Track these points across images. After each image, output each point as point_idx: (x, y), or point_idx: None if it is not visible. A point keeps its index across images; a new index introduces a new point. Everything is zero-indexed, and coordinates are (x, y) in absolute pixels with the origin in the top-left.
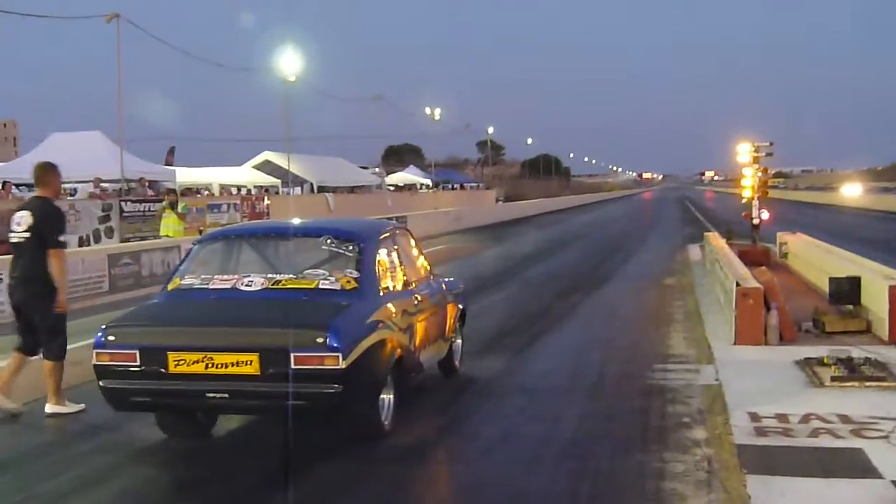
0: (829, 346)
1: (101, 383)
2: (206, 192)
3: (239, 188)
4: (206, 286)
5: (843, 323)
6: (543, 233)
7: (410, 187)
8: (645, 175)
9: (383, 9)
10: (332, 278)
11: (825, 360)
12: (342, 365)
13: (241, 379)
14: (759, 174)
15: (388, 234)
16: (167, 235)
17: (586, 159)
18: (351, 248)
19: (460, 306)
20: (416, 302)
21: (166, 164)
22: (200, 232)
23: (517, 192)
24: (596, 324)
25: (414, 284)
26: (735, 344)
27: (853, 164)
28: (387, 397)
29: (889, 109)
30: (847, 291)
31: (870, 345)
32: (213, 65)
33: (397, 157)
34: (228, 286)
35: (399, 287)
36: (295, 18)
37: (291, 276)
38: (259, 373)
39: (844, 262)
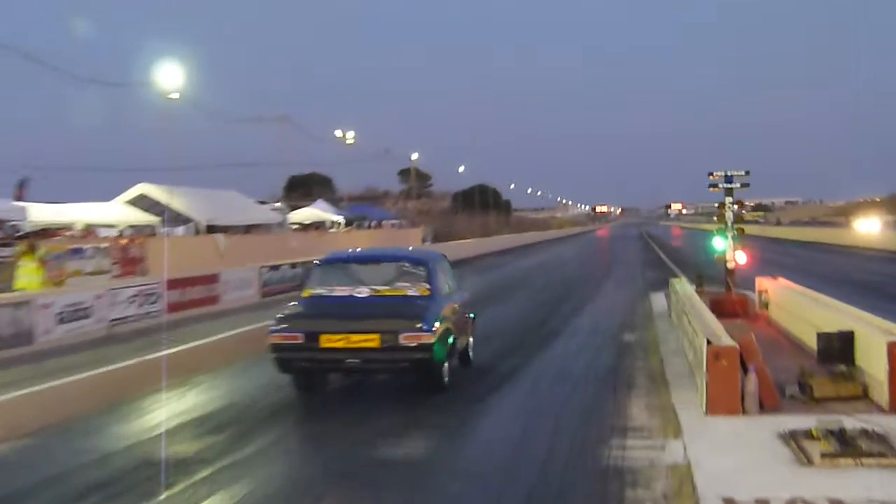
0: (819, 416)
1: (274, 355)
2: (68, 234)
3: (111, 227)
4: (331, 294)
5: (834, 387)
6: (481, 279)
7: (319, 226)
8: (600, 208)
9: (290, 19)
10: (414, 288)
11: (814, 433)
12: (431, 339)
13: (367, 351)
14: (734, 208)
15: (440, 260)
16: (23, 288)
17: (530, 191)
18: (422, 269)
19: (472, 315)
20: (455, 306)
21: (16, 200)
22: (60, 283)
23: (448, 229)
24: (543, 389)
25: (453, 294)
26: (707, 414)
27: (845, 194)
28: (446, 365)
29: (884, 134)
30: (838, 349)
31: (866, 413)
32: (80, 80)
33: (303, 189)
34: (347, 294)
35: (447, 294)
36: (183, 28)
37: (386, 287)
38: (379, 346)
39: (835, 314)
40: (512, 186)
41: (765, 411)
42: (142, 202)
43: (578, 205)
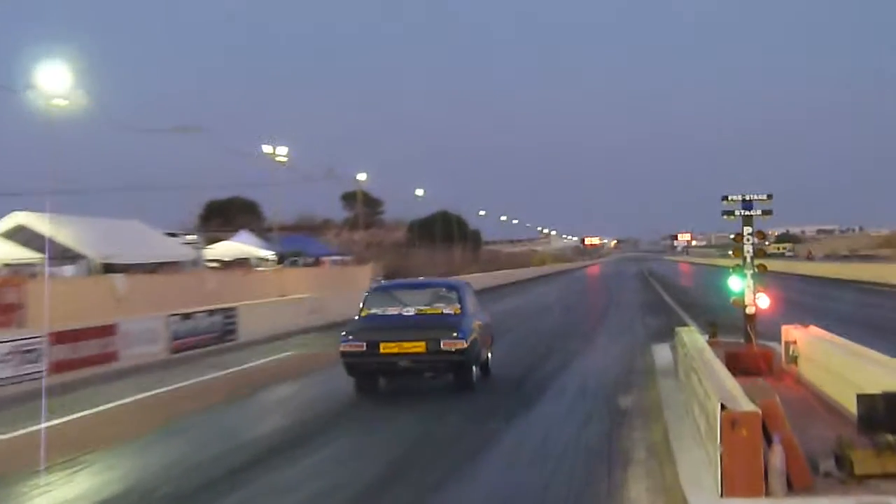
0: (860, 497)
1: (343, 360)
2: None
3: None
4: (384, 313)
5: (879, 462)
6: None
7: (243, 262)
8: (590, 241)
9: (210, 17)
10: (448, 308)
11: None
12: (464, 345)
13: (416, 355)
14: (754, 239)
15: (467, 287)
16: None
17: (504, 219)
18: (453, 293)
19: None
20: (479, 323)
21: None
22: None
23: (403, 265)
24: (522, 466)
25: (478, 314)
26: (722, 496)
27: (891, 222)
28: (474, 367)
29: None
30: (884, 414)
31: None
32: None
33: (223, 217)
34: (396, 312)
35: (474, 313)
36: (76, 22)
37: (426, 307)
38: (425, 351)
39: (881, 371)
40: (482, 213)
41: (794, 492)
42: (19, 235)
43: (564, 236)
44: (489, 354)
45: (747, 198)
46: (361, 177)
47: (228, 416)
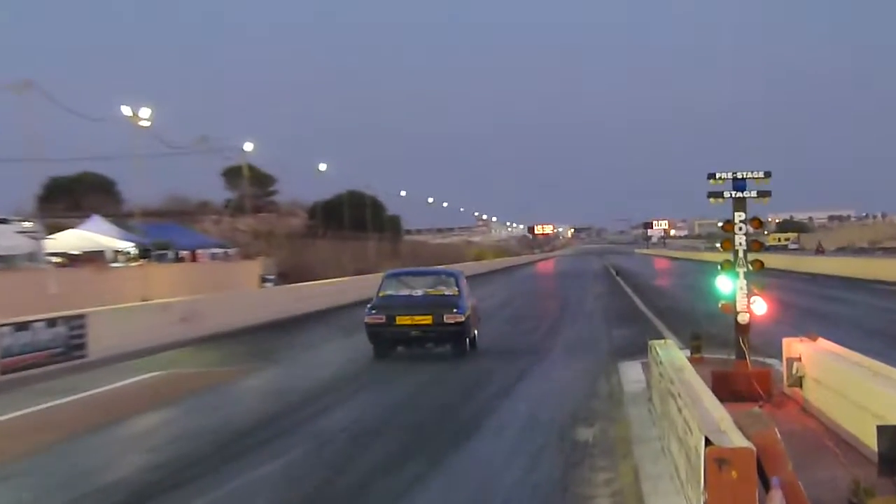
0: None
1: (367, 330)
2: None
3: None
4: (398, 294)
5: None
6: (352, 343)
7: (94, 257)
8: (542, 229)
9: None
10: (448, 290)
11: None
12: (462, 319)
13: (424, 326)
14: (748, 228)
15: (461, 274)
16: None
17: (431, 200)
18: (452, 279)
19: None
20: (472, 304)
21: None
22: None
23: (302, 262)
24: None
25: (469, 297)
26: None
27: None
28: (468, 338)
29: None
30: None
31: None
32: None
33: (69, 199)
34: (407, 293)
35: (468, 296)
36: None
37: (430, 289)
38: (432, 323)
39: None
40: (403, 193)
41: None
42: None
43: (509, 224)
44: (476, 332)
45: (739, 176)
46: (248, 147)
47: (73, 456)
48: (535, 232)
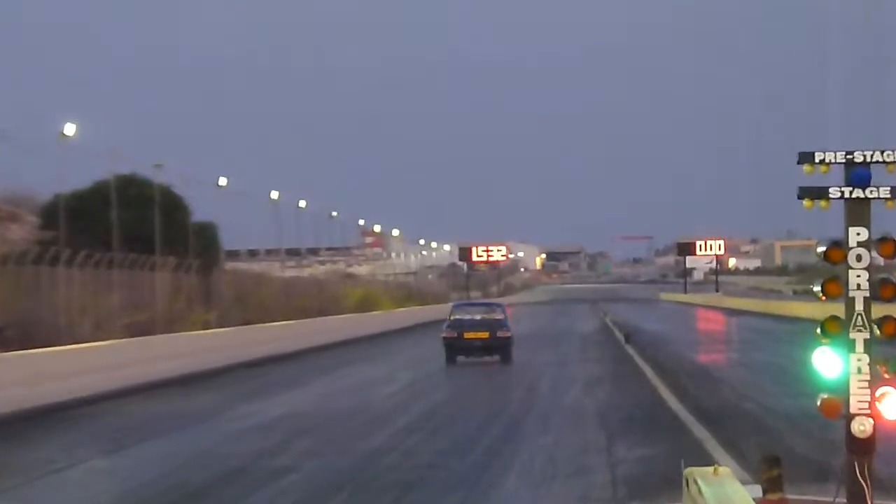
0: None
1: (444, 342)
2: None
3: None
4: (463, 318)
5: None
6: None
7: None
8: (484, 251)
9: None
10: (497, 315)
11: None
12: (509, 334)
13: (483, 339)
14: (874, 256)
15: (503, 305)
16: None
17: (303, 204)
18: (499, 308)
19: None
20: (510, 325)
21: None
22: None
23: (29, 309)
24: None
25: (508, 321)
26: None
27: None
28: (510, 350)
29: None
30: None
31: None
32: None
33: None
34: (469, 317)
35: (509, 321)
36: None
37: (485, 314)
38: (488, 337)
39: None
40: (223, 182)
41: None
42: None
43: (436, 245)
44: (512, 347)
45: (859, 158)
46: None
47: None
48: (473, 257)
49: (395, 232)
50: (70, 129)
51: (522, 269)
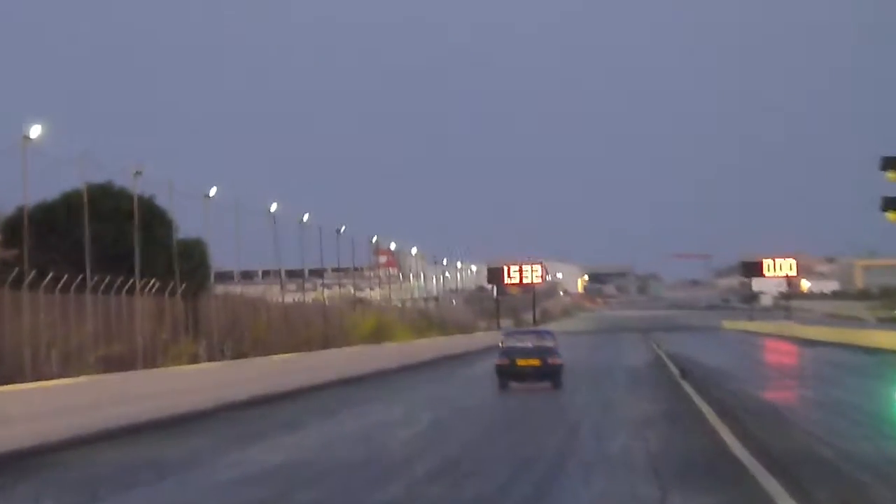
0: None
1: (497, 369)
2: None
3: None
4: (515, 346)
5: None
6: None
7: None
8: (516, 272)
9: None
10: (549, 343)
11: None
12: (560, 362)
13: (535, 367)
14: None
15: (554, 332)
16: None
17: (305, 218)
18: (550, 336)
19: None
20: (560, 353)
21: None
22: None
23: None
24: None
25: (558, 348)
26: None
27: None
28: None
29: None
30: None
31: None
32: None
33: None
34: (521, 345)
35: (559, 349)
36: None
37: (538, 343)
38: (540, 364)
39: None
40: (213, 192)
41: None
42: None
43: (461, 265)
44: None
45: None
46: None
47: None
48: (504, 279)
49: (413, 250)
50: (35, 131)
51: (562, 293)
